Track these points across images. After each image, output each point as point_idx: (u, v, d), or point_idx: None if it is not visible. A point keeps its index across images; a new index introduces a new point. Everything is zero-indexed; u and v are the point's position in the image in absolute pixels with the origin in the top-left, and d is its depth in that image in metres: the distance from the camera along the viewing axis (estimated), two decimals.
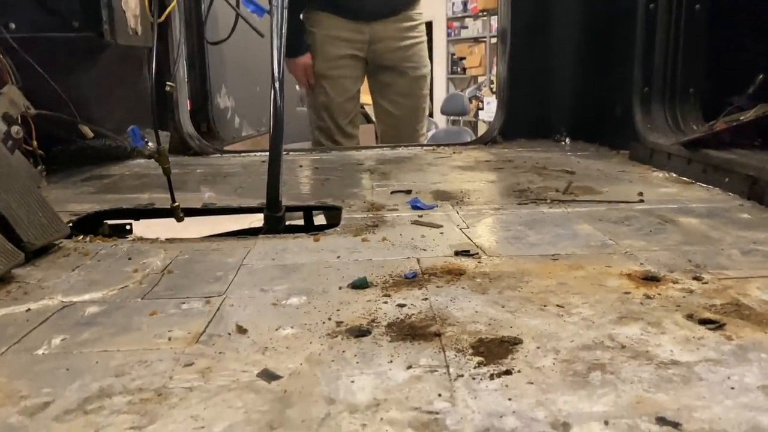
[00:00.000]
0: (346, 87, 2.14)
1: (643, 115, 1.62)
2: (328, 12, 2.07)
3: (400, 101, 2.21)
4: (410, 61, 2.19)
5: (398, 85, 2.19)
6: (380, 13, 2.10)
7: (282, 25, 1.06)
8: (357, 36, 2.09)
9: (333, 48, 2.08)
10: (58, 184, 1.47)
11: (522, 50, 2.01)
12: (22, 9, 1.34)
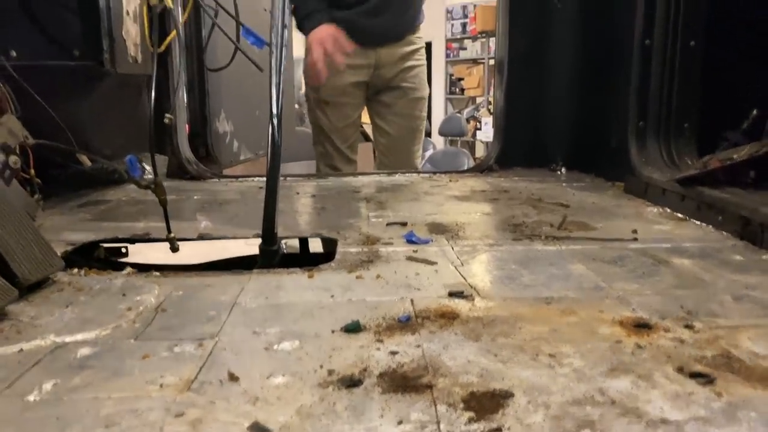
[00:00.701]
0: (347, 113, 2.18)
1: (638, 150, 1.63)
2: None
3: (398, 121, 2.25)
4: (410, 83, 2.23)
5: (397, 105, 2.24)
6: (387, 37, 2.15)
7: (281, 63, 1.07)
8: (363, 62, 2.13)
9: (339, 75, 2.11)
10: (54, 210, 1.47)
11: (519, 80, 2.03)
12: (24, 36, 1.35)
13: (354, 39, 2.10)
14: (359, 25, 2.09)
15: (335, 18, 2.08)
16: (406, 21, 2.19)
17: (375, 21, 2.11)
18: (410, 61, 2.22)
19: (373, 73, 2.18)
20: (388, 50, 2.17)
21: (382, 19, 2.12)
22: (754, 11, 1.55)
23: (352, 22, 2.07)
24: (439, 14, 8.65)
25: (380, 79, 2.20)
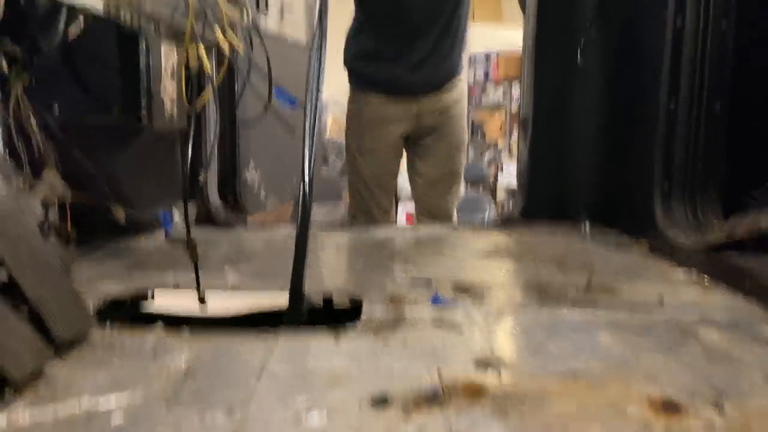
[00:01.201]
0: (388, 163, 2.24)
1: (663, 209, 1.63)
2: (376, 92, 2.17)
3: (437, 164, 2.30)
4: (451, 128, 2.29)
5: (436, 149, 2.29)
6: (431, 86, 2.21)
7: (315, 128, 1.10)
8: (406, 112, 2.20)
9: (382, 126, 2.18)
10: (87, 258, 1.50)
11: (543, 136, 2.06)
12: (66, 93, 1.41)
13: (396, 92, 2.17)
14: (401, 80, 2.16)
15: (376, 71, 2.14)
16: (448, 71, 2.25)
17: (418, 74, 2.18)
18: (451, 109, 2.28)
19: (415, 123, 2.25)
20: (430, 99, 2.23)
21: (424, 72, 2.18)
22: None
23: (393, 77, 2.14)
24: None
25: (421, 129, 2.27)
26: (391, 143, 2.21)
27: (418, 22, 2.14)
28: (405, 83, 2.17)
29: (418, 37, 2.15)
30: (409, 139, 2.26)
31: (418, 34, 2.15)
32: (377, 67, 2.19)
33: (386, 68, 2.16)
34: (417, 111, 2.20)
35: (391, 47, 2.17)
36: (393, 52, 2.18)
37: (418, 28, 2.14)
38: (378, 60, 2.17)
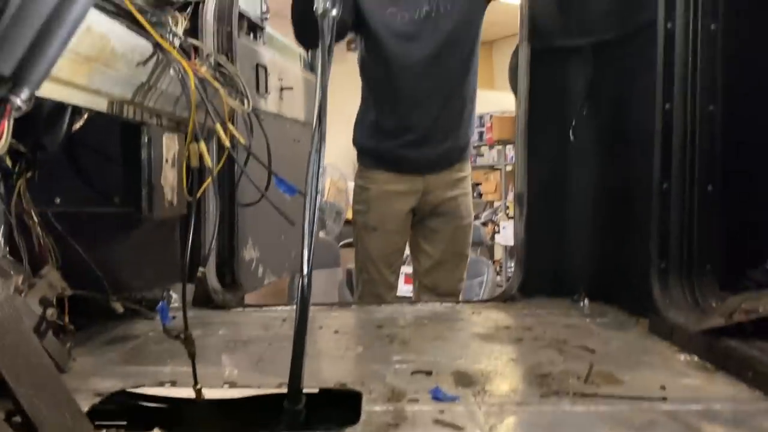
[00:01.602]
0: (394, 240, 2.23)
1: (661, 290, 1.64)
2: (383, 169, 2.18)
3: (443, 247, 2.27)
4: (457, 210, 2.28)
5: (443, 232, 2.27)
6: (434, 166, 2.21)
7: (314, 219, 1.11)
8: (412, 188, 2.20)
9: (388, 203, 2.19)
10: (82, 348, 1.49)
11: (538, 211, 2.08)
12: (68, 184, 1.43)
13: (400, 169, 2.18)
14: (405, 156, 2.17)
15: (380, 148, 2.16)
16: (454, 149, 2.25)
17: (420, 151, 2.18)
18: (457, 189, 2.28)
19: (421, 199, 2.24)
20: (436, 176, 2.23)
21: (428, 149, 2.18)
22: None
23: (397, 153, 2.16)
24: None
25: (427, 205, 2.26)
26: (397, 220, 2.20)
27: (416, 96, 2.15)
28: (408, 160, 2.17)
29: (418, 113, 2.16)
30: (416, 215, 2.26)
31: (418, 110, 2.16)
32: (381, 143, 2.20)
33: (390, 145, 2.17)
34: (423, 188, 2.20)
35: (392, 122, 2.18)
36: (394, 128, 2.18)
37: (417, 103, 2.15)
38: (382, 136, 2.18)
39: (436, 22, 2.07)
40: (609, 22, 1.96)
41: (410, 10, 2.07)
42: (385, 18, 2.08)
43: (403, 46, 2.09)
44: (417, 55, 2.09)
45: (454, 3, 2.09)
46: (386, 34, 2.09)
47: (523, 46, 2.05)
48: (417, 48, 2.08)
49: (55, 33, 0.66)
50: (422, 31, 2.08)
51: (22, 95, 0.68)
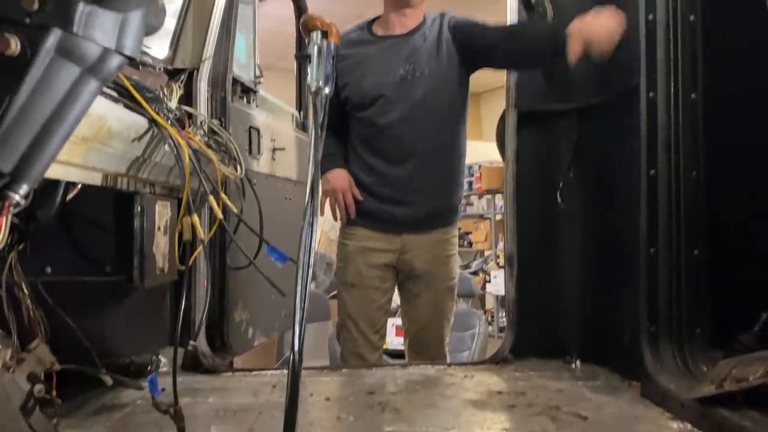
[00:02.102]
0: (374, 298, 2.18)
1: (651, 354, 1.64)
2: (361, 225, 2.18)
3: (426, 311, 2.19)
4: (437, 273, 2.20)
5: (424, 296, 2.19)
6: (415, 225, 2.17)
7: (306, 287, 1.12)
8: (388, 246, 2.17)
9: (364, 259, 2.17)
10: (70, 419, 1.46)
11: (529, 273, 2.09)
12: (59, 254, 1.43)
13: (377, 225, 2.16)
14: (381, 214, 2.15)
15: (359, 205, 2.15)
16: (436, 212, 2.19)
17: (398, 209, 2.15)
18: (439, 251, 2.20)
19: (399, 257, 2.19)
20: (415, 237, 2.16)
21: (405, 209, 2.14)
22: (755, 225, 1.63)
23: (374, 210, 2.15)
24: None
25: (406, 265, 2.19)
26: (374, 276, 2.16)
27: (392, 156, 2.14)
28: (385, 218, 2.15)
29: (394, 173, 2.14)
30: (398, 275, 2.23)
31: (394, 170, 2.14)
32: (364, 199, 2.17)
33: (367, 201, 2.16)
34: (401, 247, 2.16)
35: (370, 179, 2.16)
36: (371, 185, 2.16)
37: (394, 164, 2.14)
38: (360, 192, 2.17)
39: (411, 85, 2.11)
40: (593, 87, 2.02)
41: (386, 74, 2.11)
42: (362, 81, 2.11)
43: (380, 108, 2.12)
44: (392, 118, 2.10)
45: (431, 67, 2.11)
46: (362, 96, 2.13)
47: (510, 111, 2.10)
48: (392, 110, 2.10)
49: (55, 132, 0.68)
50: (398, 95, 2.10)
51: (20, 191, 0.69)
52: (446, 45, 2.12)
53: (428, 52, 2.12)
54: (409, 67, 2.11)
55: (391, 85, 2.10)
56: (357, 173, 2.17)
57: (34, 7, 0.62)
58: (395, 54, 2.13)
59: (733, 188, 1.70)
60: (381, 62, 2.13)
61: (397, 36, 2.16)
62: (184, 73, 1.91)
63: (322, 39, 1.22)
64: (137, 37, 0.69)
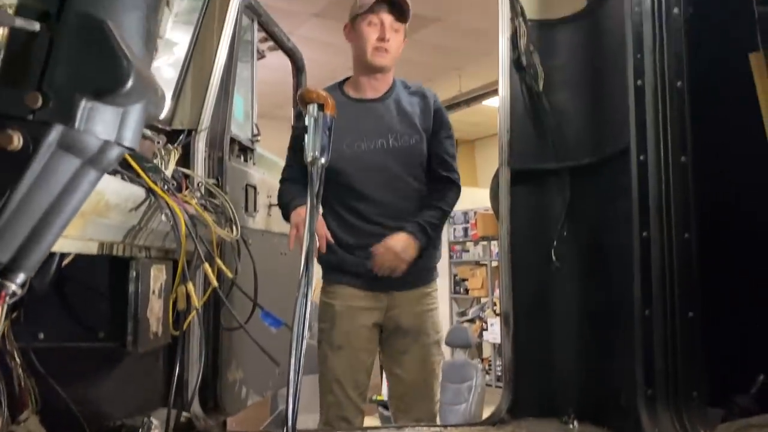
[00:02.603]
0: (362, 359, 2.16)
1: (649, 418, 1.63)
2: (345, 284, 2.17)
3: (413, 368, 2.17)
4: (424, 327, 2.21)
5: (411, 352, 2.18)
6: (401, 284, 2.17)
7: (300, 359, 1.11)
8: (376, 304, 2.16)
9: (353, 319, 2.14)
10: None
11: (525, 332, 2.08)
12: (53, 319, 1.43)
13: (363, 284, 2.15)
14: (369, 271, 2.14)
15: (344, 262, 2.14)
16: (418, 271, 2.20)
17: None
18: (424, 305, 2.22)
19: (386, 314, 2.19)
20: (401, 294, 2.18)
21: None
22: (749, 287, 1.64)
23: (360, 269, 2.14)
24: None
25: (392, 322, 2.19)
26: (362, 337, 2.14)
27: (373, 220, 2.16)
28: (371, 277, 2.13)
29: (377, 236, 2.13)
30: (382, 332, 2.21)
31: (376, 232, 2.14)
32: (345, 258, 2.16)
33: (354, 259, 2.16)
34: (387, 304, 2.16)
35: (354, 240, 2.16)
36: (356, 245, 2.16)
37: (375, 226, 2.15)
38: (344, 251, 2.16)
39: (389, 148, 2.15)
40: (585, 148, 2.05)
41: (363, 137, 2.14)
42: (341, 144, 2.10)
43: (358, 171, 2.14)
44: (371, 181, 2.13)
45: (407, 132, 2.18)
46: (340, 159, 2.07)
47: (503, 170, 2.13)
48: (371, 174, 2.14)
49: (54, 222, 0.69)
50: (376, 158, 2.13)
51: (17, 280, 0.70)
52: (423, 116, 2.22)
53: (403, 118, 2.19)
54: (386, 131, 2.16)
55: (368, 149, 2.13)
56: (338, 232, 2.14)
57: (37, 104, 0.64)
58: (371, 117, 2.18)
59: (727, 249, 1.72)
60: (357, 125, 2.15)
61: (370, 100, 2.21)
62: (183, 134, 1.94)
63: (319, 111, 1.25)
64: (137, 129, 0.71)
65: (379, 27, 2.12)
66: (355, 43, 2.18)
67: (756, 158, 1.84)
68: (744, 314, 1.67)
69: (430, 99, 2.25)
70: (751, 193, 1.80)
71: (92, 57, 0.65)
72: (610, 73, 1.94)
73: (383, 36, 2.11)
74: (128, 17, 0.69)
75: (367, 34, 2.12)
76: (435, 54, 6.58)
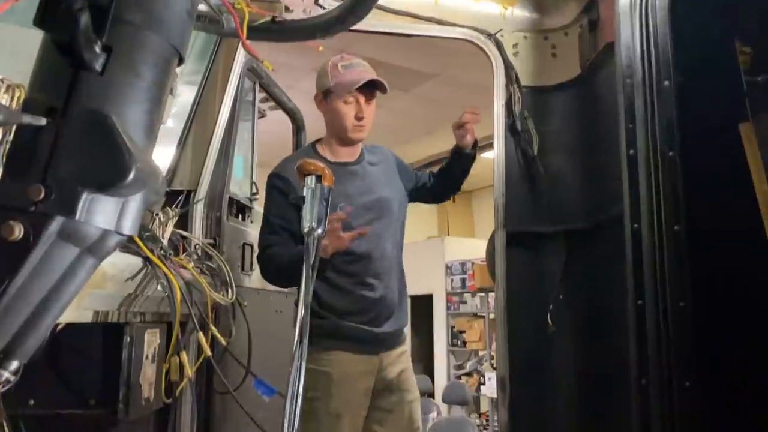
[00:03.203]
0: (358, 425, 2.13)
1: None
2: (339, 350, 2.13)
3: (403, 426, 2.17)
4: (408, 384, 2.22)
5: (397, 410, 2.17)
6: (389, 342, 2.18)
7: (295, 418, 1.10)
8: (368, 367, 2.14)
9: (350, 385, 2.10)
10: None
11: (521, 397, 2.06)
12: (44, 386, 1.41)
13: (356, 347, 2.13)
14: (362, 333, 2.12)
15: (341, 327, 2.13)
16: (400, 328, 2.26)
17: (378, 328, 2.16)
18: (403, 363, 2.25)
19: (378, 376, 2.18)
20: (388, 354, 2.20)
21: (383, 327, 2.17)
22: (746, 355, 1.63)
23: (356, 332, 2.12)
24: (438, 268, 9.07)
25: (381, 383, 2.18)
26: (361, 403, 2.12)
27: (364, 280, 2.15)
28: (369, 337, 2.12)
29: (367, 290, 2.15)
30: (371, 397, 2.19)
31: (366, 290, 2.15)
32: (339, 323, 2.11)
33: (345, 323, 2.10)
34: (379, 365, 2.14)
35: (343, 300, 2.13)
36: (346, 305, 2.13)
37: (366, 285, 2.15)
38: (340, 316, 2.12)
39: (378, 209, 2.17)
40: (579, 212, 2.07)
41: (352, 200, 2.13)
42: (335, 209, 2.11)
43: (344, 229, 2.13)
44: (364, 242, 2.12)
45: (389, 192, 2.22)
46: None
47: (499, 232, 2.15)
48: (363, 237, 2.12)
49: (50, 309, 0.69)
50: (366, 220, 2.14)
51: (11, 368, 0.70)
52: (396, 174, 2.30)
53: (383, 178, 2.24)
54: (369, 191, 2.18)
55: (360, 211, 2.14)
56: (327, 297, 2.11)
57: (40, 197, 0.65)
58: (356, 180, 2.19)
59: (723, 317, 1.72)
60: (345, 189, 2.13)
61: (350, 163, 2.22)
62: (182, 195, 1.96)
63: (316, 183, 1.27)
64: (137, 217, 0.72)
65: (355, 105, 2.13)
66: (330, 116, 2.18)
67: (749, 225, 1.86)
68: (742, 383, 1.66)
69: (389, 155, 2.34)
70: (746, 258, 1.82)
71: (95, 151, 0.67)
72: (603, 139, 1.98)
73: (361, 115, 2.13)
74: (132, 110, 0.71)
75: (344, 111, 2.13)
76: (434, 107, 6.70)
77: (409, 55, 5.43)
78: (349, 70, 2.13)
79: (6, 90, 0.97)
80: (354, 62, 2.17)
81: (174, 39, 0.75)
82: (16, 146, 0.67)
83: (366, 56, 2.24)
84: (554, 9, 2.27)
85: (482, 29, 2.21)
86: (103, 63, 0.69)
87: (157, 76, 0.73)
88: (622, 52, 1.80)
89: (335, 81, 2.12)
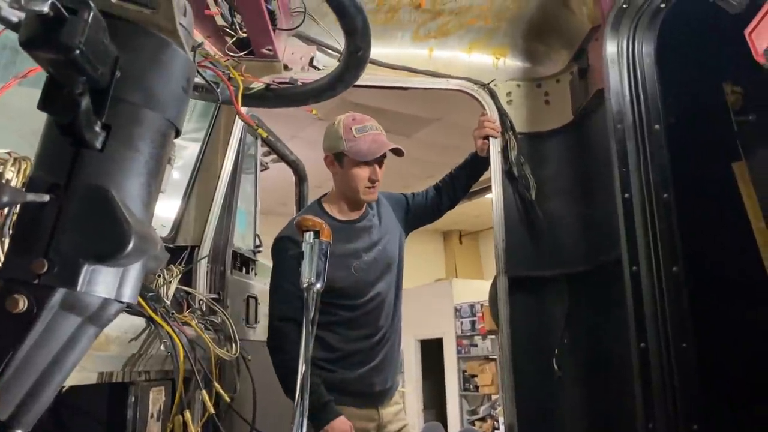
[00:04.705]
0: None
1: None
2: (345, 405, 2.12)
3: None
4: None
5: None
6: (385, 397, 2.17)
7: None
8: (369, 424, 2.13)
9: None
10: None
11: None
12: None
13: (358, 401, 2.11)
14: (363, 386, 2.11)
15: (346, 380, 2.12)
16: (395, 380, 2.26)
17: (376, 380, 2.15)
18: (402, 419, 2.25)
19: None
20: (386, 409, 2.20)
21: (381, 379, 2.16)
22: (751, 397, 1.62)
23: (364, 384, 2.12)
24: (448, 311, 9.01)
25: None
26: None
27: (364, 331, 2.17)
28: (369, 390, 2.13)
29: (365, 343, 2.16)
30: None
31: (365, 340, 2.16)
32: (346, 376, 2.11)
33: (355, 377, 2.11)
34: (379, 420, 2.15)
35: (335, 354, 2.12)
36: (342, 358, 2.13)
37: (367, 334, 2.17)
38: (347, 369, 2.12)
39: (382, 263, 2.20)
40: (579, 255, 2.09)
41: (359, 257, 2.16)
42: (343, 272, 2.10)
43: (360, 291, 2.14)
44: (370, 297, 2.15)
45: (390, 243, 2.24)
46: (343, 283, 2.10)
47: (500, 278, 2.16)
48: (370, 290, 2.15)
49: (53, 378, 0.72)
50: (372, 275, 2.17)
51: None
52: (394, 215, 2.32)
53: (386, 227, 2.27)
54: (374, 244, 2.21)
55: (365, 266, 2.16)
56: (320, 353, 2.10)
57: (43, 270, 0.68)
58: (363, 236, 2.21)
59: (726, 358, 1.72)
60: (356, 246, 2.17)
61: (358, 220, 2.24)
62: (186, 251, 1.99)
63: (315, 238, 1.30)
64: (136, 285, 0.75)
65: (369, 169, 2.13)
66: (342, 178, 2.18)
67: (747, 262, 1.87)
68: (749, 427, 1.65)
69: (382, 199, 2.34)
70: (745, 296, 1.82)
71: (96, 224, 0.70)
72: (599, 182, 2.01)
73: (375, 178, 2.15)
74: (130, 183, 0.75)
75: (358, 175, 2.13)
76: (435, 151, 6.78)
77: (409, 102, 5.53)
78: (364, 135, 2.12)
79: (14, 163, 1.01)
80: (367, 125, 2.15)
81: (170, 114, 0.80)
82: (21, 222, 0.71)
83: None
84: (546, 57, 2.33)
85: (476, 80, 2.27)
86: (102, 140, 0.73)
87: (154, 150, 0.77)
88: (612, 98, 1.84)
89: (350, 146, 2.10)
